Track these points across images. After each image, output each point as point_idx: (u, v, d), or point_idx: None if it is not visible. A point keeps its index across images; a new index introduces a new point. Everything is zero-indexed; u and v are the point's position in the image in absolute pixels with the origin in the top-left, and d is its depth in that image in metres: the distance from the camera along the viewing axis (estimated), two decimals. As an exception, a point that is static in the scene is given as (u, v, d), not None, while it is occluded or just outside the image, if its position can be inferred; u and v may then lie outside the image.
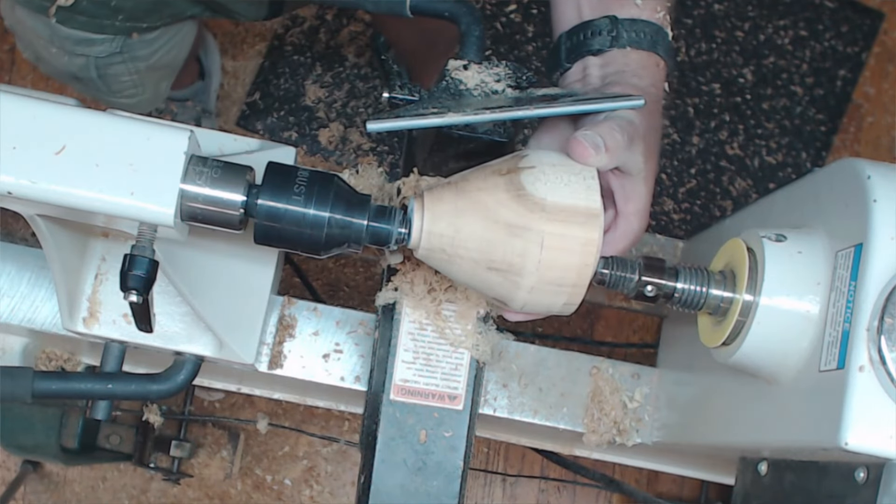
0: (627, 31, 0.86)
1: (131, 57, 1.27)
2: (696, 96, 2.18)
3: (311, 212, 0.74)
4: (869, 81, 2.24)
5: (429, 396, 0.88)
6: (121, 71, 1.29)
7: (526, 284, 0.74)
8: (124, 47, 1.25)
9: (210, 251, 0.92)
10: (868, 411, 0.70)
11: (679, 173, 2.15)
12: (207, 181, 0.74)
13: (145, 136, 0.72)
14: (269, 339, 1.03)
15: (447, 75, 0.87)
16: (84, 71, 1.26)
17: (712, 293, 0.81)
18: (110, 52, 1.24)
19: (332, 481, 2.06)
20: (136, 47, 1.26)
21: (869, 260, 0.72)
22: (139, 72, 1.31)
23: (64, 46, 1.22)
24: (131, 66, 1.29)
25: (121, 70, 1.29)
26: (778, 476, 0.83)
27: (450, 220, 0.75)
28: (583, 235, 0.74)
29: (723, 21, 2.21)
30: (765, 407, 0.83)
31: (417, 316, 0.89)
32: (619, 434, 1.07)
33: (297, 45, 2.10)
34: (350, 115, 2.09)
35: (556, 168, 0.75)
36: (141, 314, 0.78)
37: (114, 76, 1.29)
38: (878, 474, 0.70)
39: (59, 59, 1.25)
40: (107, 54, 1.24)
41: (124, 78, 1.30)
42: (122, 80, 1.30)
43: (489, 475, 2.06)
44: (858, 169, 0.76)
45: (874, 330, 0.71)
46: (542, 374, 1.08)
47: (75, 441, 1.66)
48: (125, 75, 1.30)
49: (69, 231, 0.87)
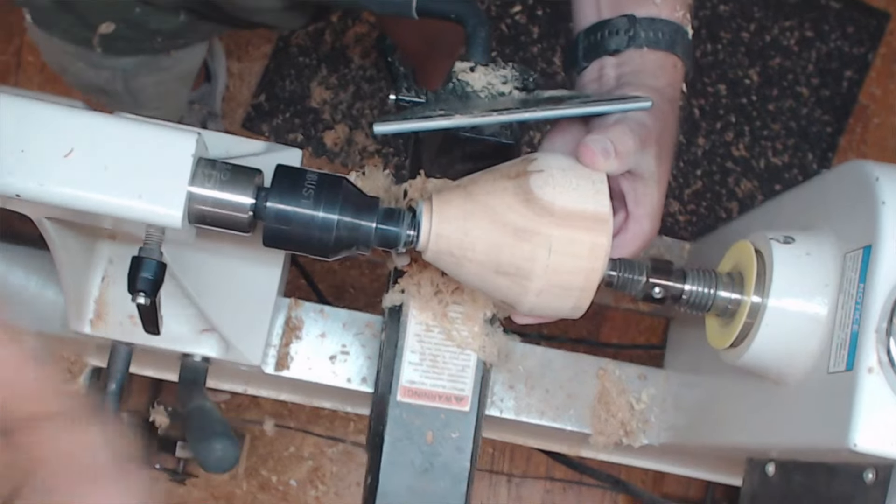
0: (645, 31, 0.85)
1: (157, 68, 1.27)
2: (702, 97, 2.18)
3: (320, 214, 0.74)
4: (875, 82, 2.23)
5: (435, 398, 0.88)
6: (147, 83, 1.29)
7: (534, 288, 0.74)
8: (151, 60, 1.25)
9: (217, 253, 0.92)
10: (877, 413, 0.70)
11: (685, 175, 2.15)
12: (217, 184, 0.74)
13: (153, 138, 0.72)
14: (275, 341, 1.03)
15: (453, 77, 0.87)
16: (110, 84, 1.27)
17: (720, 295, 0.81)
18: (137, 65, 1.25)
19: (338, 482, 2.06)
20: (162, 59, 1.27)
21: (877, 262, 0.72)
22: (164, 83, 1.31)
23: (90, 61, 1.22)
24: (157, 77, 1.29)
25: (147, 82, 1.29)
26: (786, 477, 0.83)
27: (458, 224, 0.75)
28: (591, 240, 0.74)
29: (728, 22, 2.21)
30: (773, 408, 0.83)
31: (424, 318, 0.89)
32: (626, 435, 1.07)
33: (302, 47, 2.11)
34: (356, 116, 2.10)
35: (564, 172, 0.75)
36: (148, 316, 0.78)
37: (140, 89, 1.29)
38: (886, 475, 0.70)
39: (86, 73, 1.25)
40: (133, 67, 1.25)
41: (150, 90, 1.30)
42: (148, 91, 1.30)
43: (494, 475, 2.06)
44: (866, 171, 0.76)
45: (883, 331, 0.71)
46: (549, 376, 1.08)
47: (81, 442, 1.67)
48: (151, 87, 1.30)
49: (77, 233, 0.87)
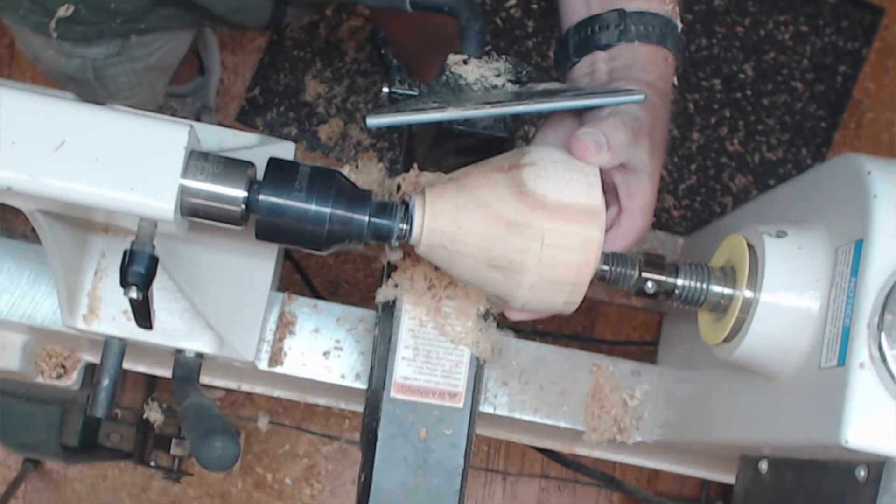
0: (636, 25, 0.85)
1: (129, 58, 1.27)
2: (697, 92, 2.18)
3: (313, 208, 0.74)
4: (869, 77, 2.24)
5: (429, 394, 0.88)
6: (118, 72, 1.28)
7: (526, 282, 0.74)
8: (122, 49, 1.24)
9: (210, 247, 0.92)
10: (868, 409, 0.70)
11: (679, 169, 2.15)
12: (209, 176, 0.74)
13: (145, 130, 0.72)
14: (269, 336, 1.03)
15: (447, 70, 0.86)
16: (81, 72, 1.26)
17: (713, 290, 0.81)
18: (108, 55, 1.24)
19: (333, 480, 2.06)
20: (133, 49, 1.26)
21: (869, 256, 0.72)
22: (136, 72, 1.31)
23: (61, 49, 1.22)
24: (128, 66, 1.28)
25: (118, 71, 1.28)
26: (778, 474, 0.83)
27: (451, 217, 0.74)
28: (584, 233, 0.74)
29: (723, 16, 2.21)
30: (765, 404, 0.83)
31: (417, 313, 0.89)
32: (620, 432, 1.07)
33: (296, 41, 2.10)
34: (350, 110, 2.09)
35: (557, 165, 0.75)
36: (141, 310, 0.78)
37: (111, 77, 1.29)
38: (878, 472, 0.70)
39: (57, 61, 1.25)
40: (104, 56, 1.24)
41: (121, 79, 1.30)
42: (119, 80, 1.30)
43: (490, 474, 2.06)
44: (859, 164, 0.76)
45: (875, 326, 0.71)
46: (543, 372, 1.08)
47: (76, 439, 1.67)
48: (122, 76, 1.29)
49: (69, 227, 0.87)
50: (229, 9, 1.20)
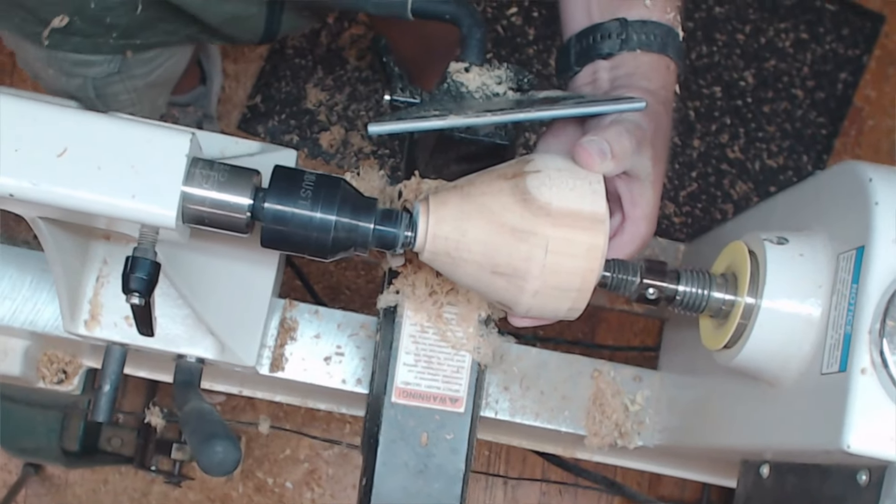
0: (637, 34, 0.85)
1: (129, 76, 1.26)
2: (697, 99, 2.18)
3: (318, 215, 0.74)
4: (870, 84, 2.24)
5: (430, 399, 0.88)
6: (119, 90, 1.28)
7: (530, 289, 0.74)
8: (122, 67, 1.24)
9: (212, 254, 0.92)
10: (870, 414, 0.70)
11: (680, 177, 2.15)
12: (214, 185, 0.74)
13: (147, 138, 0.72)
14: (270, 342, 1.03)
15: (448, 77, 0.87)
16: (82, 91, 1.26)
17: (714, 296, 0.81)
18: (108, 73, 1.23)
19: (334, 484, 2.06)
20: (133, 66, 1.25)
21: (870, 263, 0.72)
22: (137, 90, 1.30)
23: (62, 68, 1.22)
24: (129, 84, 1.28)
25: (119, 89, 1.28)
26: (780, 479, 0.83)
27: (455, 224, 0.75)
28: (588, 241, 0.74)
29: (724, 24, 2.21)
30: (767, 410, 0.83)
31: (419, 319, 0.89)
32: (621, 437, 1.07)
33: (298, 49, 2.11)
34: (351, 118, 2.10)
35: (561, 172, 0.75)
36: (142, 317, 0.78)
37: (112, 95, 1.28)
38: (880, 477, 0.70)
39: (58, 80, 1.24)
40: (104, 75, 1.23)
41: (122, 97, 1.29)
42: (121, 98, 1.29)
43: (490, 478, 2.06)
44: (860, 172, 0.76)
45: (876, 333, 0.71)
46: (544, 377, 1.08)
47: (77, 444, 1.67)
48: (123, 94, 1.29)
49: (71, 233, 0.87)
50: (223, 19, 1.20)
